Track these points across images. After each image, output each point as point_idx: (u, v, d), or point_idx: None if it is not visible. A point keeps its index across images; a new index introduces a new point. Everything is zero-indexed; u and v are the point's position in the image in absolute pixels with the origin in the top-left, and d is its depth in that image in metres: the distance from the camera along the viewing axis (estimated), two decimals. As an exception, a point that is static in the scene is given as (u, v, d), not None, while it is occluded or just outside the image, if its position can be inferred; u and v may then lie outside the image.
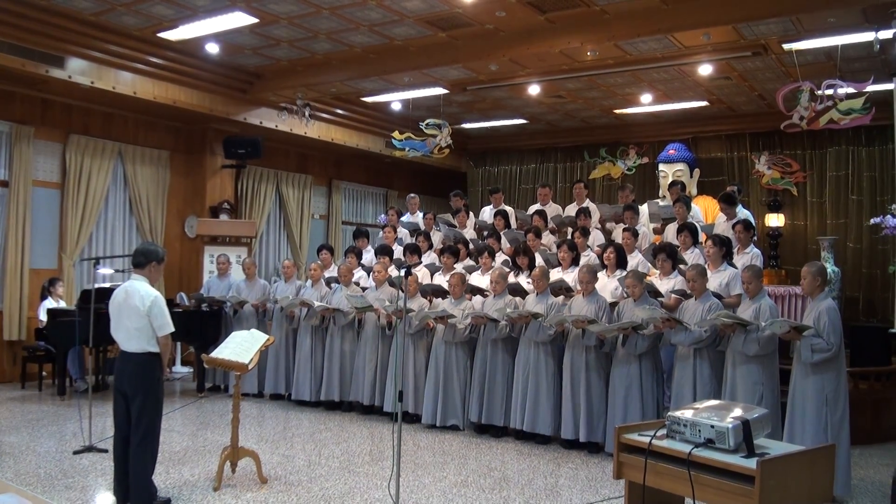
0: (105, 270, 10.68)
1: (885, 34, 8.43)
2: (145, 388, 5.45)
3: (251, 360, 6.37)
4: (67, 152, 11.76)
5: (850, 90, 8.75)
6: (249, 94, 12.80)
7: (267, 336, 6.72)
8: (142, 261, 5.67)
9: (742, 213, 9.86)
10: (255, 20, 9.85)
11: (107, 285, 10.50)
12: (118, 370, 5.57)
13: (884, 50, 8.98)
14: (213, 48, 11.03)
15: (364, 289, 10.02)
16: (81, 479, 6.39)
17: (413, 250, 10.20)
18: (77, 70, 10.62)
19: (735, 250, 8.37)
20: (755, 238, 9.21)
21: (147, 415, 5.45)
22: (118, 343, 5.62)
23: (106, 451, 7.15)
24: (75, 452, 7.19)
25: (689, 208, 10.08)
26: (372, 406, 9.43)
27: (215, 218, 13.31)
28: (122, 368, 5.53)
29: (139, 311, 5.45)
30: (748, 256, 8.34)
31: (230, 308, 10.77)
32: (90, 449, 7.24)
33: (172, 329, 5.59)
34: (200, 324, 10.67)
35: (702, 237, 9.06)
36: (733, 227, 8.81)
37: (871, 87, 8.69)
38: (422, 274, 9.96)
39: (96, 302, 8.24)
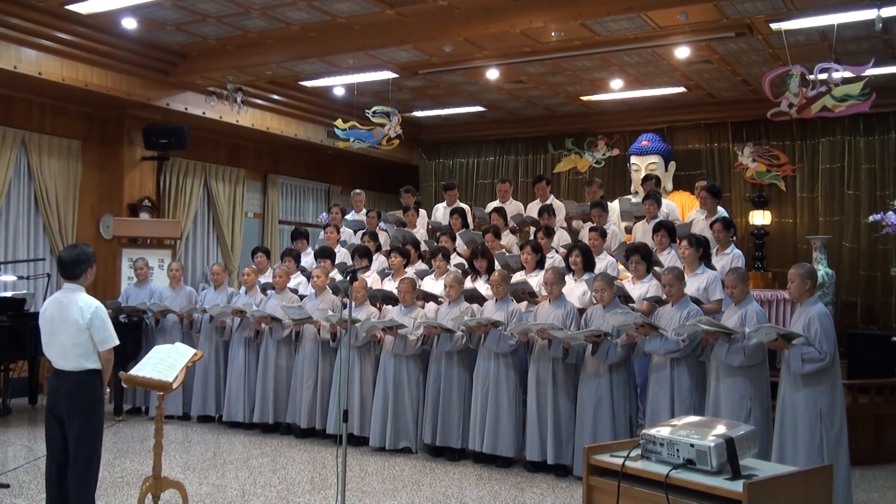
0: (7, 277, 10.46)
1: (889, 11, 8.45)
2: (84, 411, 5.42)
3: (176, 377, 6.27)
4: (-38, 141, 11.49)
5: (847, 74, 8.72)
6: (173, 76, 12.59)
7: (194, 350, 6.63)
8: (76, 272, 5.60)
9: (719, 210, 9.95)
10: (178, -8, 9.72)
11: (8, 295, 10.29)
12: (52, 391, 5.52)
13: (887, 29, 9.03)
14: (130, 23, 10.79)
15: (302, 297, 9.93)
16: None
17: (363, 253, 10.07)
18: (-28, 46, 10.38)
19: (714, 251, 8.43)
20: (735, 237, 9.26)
21: (88, 441, 5.43)
22: (52, 361, 5.57)
23: (8, 486, 7.02)
24: (-30, 487, 7.03)
25: (659, 205, 10.17)
26: (312, 428, 9.37)
27: (135, 217, 13.09)
28: (57, 389, 5.47)
29: (78, 324, 5.41)
30: (728, 258, 8.40)
31: (152, 318, 10.61)
32: (-11, 483, 7.08)
33: (117, 342, 5.59)
34: (119, 337, 10.44)
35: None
36: (711, 225, 8.85)
37: (870, 71, 8.68)
38: (371, 279, 9.90)
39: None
